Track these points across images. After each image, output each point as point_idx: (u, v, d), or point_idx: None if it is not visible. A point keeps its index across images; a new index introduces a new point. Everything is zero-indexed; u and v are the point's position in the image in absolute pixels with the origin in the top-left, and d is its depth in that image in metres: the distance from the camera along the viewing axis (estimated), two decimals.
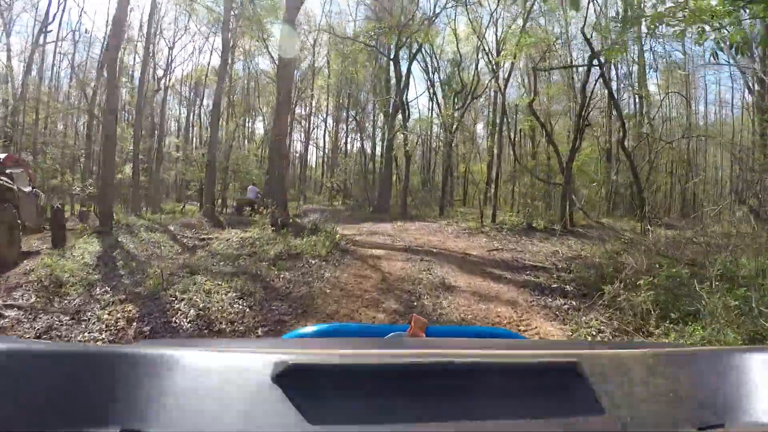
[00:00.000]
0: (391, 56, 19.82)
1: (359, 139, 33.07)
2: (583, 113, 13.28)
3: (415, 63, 27.14)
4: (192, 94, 32.45)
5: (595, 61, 11.57)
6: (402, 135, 17.17)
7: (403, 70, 22.37)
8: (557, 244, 10.87)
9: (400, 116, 21.08)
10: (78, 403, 0.53)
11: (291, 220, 14.07)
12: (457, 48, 26.19)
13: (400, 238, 11.48)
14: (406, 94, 22.65)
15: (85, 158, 21.48)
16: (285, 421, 0.54)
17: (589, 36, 11.78)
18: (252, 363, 0.64)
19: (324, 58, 31.59)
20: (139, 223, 12.93)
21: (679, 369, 0.74)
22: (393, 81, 21.52)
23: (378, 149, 28.65)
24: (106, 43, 19.28)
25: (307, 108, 35.02)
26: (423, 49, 26.75)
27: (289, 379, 0.58)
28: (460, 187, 32.71)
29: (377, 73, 25.99)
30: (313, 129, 38.05)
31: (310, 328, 1.27)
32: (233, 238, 10.11)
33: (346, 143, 35.65)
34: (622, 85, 20.13)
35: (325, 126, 37.48)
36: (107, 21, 21.75)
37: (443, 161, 23.15)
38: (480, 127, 32.60)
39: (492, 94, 28.57)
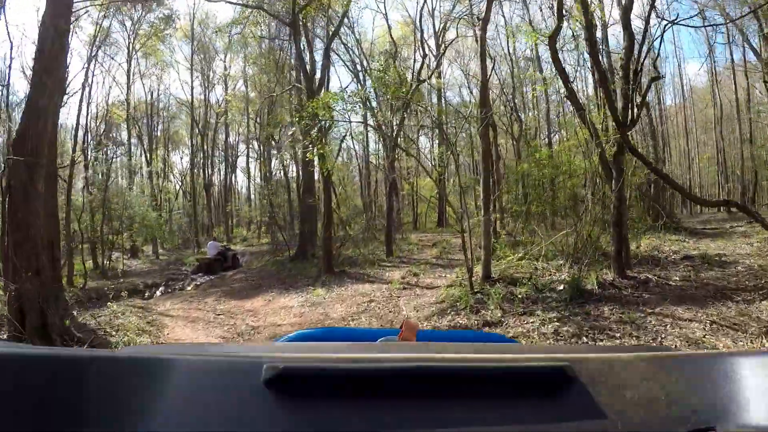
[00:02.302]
0: (288, 20, 13.12)
1: (279, 160, 26.07)
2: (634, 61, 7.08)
3: (340, 64, 21.43)
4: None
5: None
6: (311, 137, 9.97)
7: (318, 58, 15.94)
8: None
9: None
10: (69, 407, 0.53)
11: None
12: (391, 36, 20.54)
13: None
14: (326, 79, 16.07)
15: None
16: (276, 424, 0.53)
17: None
18: (244, 367, 0.63)
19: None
20: None
21: (670, 373, 0.72)
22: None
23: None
24: None
25: (233, 135, 30.25)
26: (348, 48, 20.89)
27: (281, 382, 0.57)
28: (407, 206, 27.03)
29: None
30: (239, 155, 32.42)
31: (302, 332, 1.35)
32: None
33: (270, 168, 29.01)
34: None
35: (248, 150, 31.14)
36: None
37: (385, 177, 16.57)
38: (423, 139, 27.28)
39: (433, 96, 23.23)
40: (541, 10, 17.44)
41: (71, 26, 8.92)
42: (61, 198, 18.05)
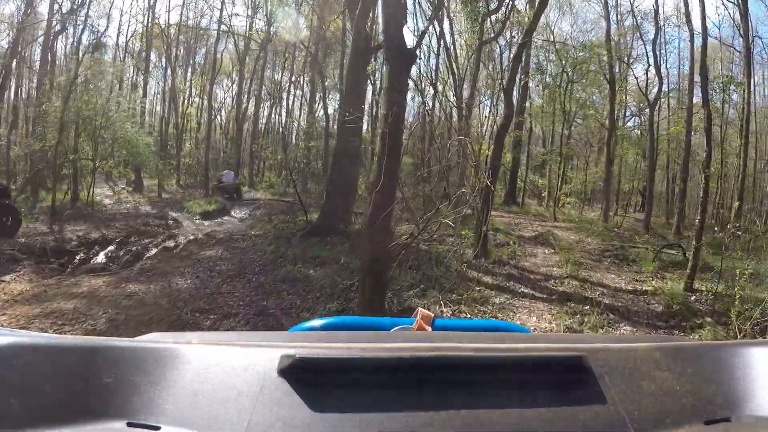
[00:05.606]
0: None
1: (321, 85, 19.86)
2: None
3: None
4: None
5: None
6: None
7: None
8: None
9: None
10: (84, 396, 0.53)
11: None
12: None
13: None
14: None
15: None
16: (291, 413, 0.53)
17: None
18: (258, 357, 0.62)
19: None
20: None
21: (686, 363, 0.70)
22: None
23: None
24: None
25: (278, 71, 25.37)
26: None
27: (295, 372, 0.57)
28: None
29: None
30: (282, 91, 27.03)
31: (316, 322, 1.25)
32: None
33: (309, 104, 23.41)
34: None
35: (290, 87, 26.03)
36: None
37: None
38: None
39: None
40: None
41: None
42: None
